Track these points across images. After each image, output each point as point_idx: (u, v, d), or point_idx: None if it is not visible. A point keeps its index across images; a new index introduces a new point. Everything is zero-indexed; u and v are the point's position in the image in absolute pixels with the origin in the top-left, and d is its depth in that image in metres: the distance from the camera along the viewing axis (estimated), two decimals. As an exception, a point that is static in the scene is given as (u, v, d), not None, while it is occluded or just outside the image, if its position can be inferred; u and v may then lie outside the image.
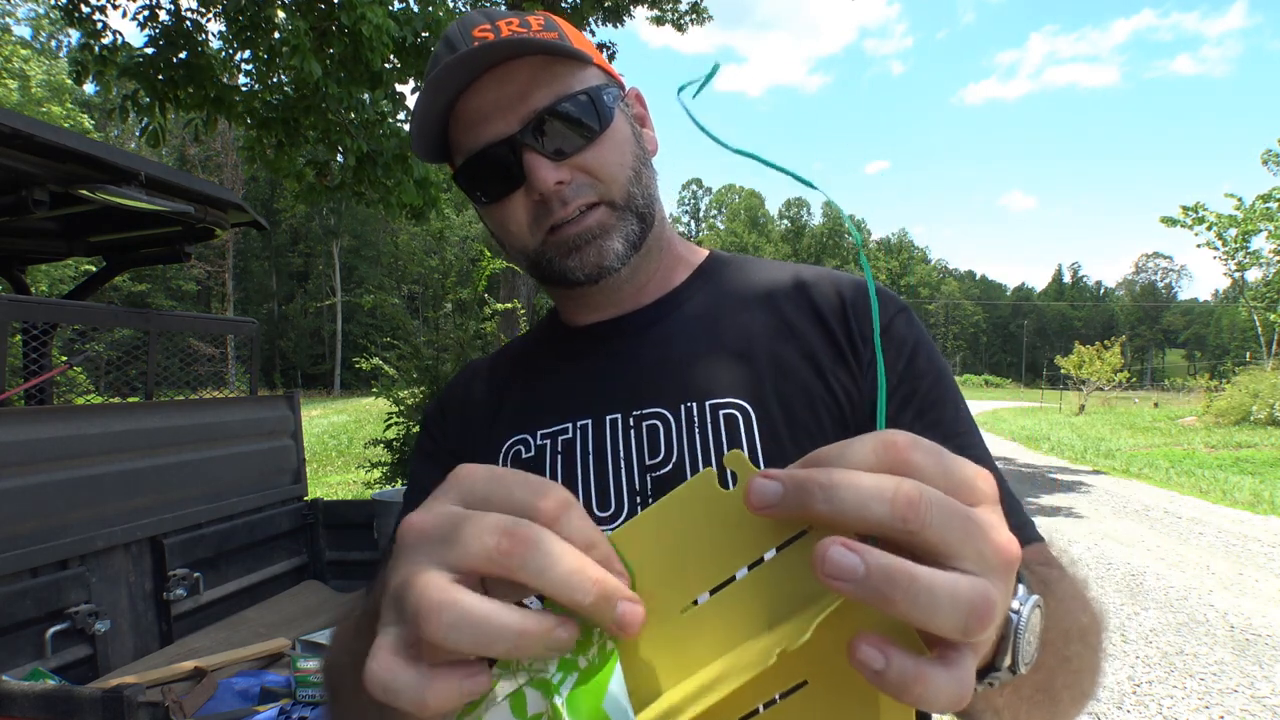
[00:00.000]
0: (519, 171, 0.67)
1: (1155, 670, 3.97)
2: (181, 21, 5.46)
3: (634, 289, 0.77)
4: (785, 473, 0.29)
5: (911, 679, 0.27)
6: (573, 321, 0.81)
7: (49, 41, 33.64)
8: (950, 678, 0.28)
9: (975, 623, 0.27)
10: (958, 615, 0.27)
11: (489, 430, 0.76)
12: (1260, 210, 23.82)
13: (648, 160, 0.74)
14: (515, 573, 0.29)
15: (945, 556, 0.28)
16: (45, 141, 1.78)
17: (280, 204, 36.57)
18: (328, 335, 46.40)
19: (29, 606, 1.70)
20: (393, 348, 6.88)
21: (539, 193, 0.67)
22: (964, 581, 0.27)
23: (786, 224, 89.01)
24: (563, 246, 0.69)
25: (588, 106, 0.67)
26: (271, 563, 2.55)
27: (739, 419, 0.67)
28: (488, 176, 0.69)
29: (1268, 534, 7.06)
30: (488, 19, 0.67)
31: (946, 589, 0.27)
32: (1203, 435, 16.41)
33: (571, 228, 0.68)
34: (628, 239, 0.71)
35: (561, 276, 0.71)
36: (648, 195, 0.72)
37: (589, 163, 0.68)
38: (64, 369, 2.46)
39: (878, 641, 0.28)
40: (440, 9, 5.60)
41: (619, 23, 10.33)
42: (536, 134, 0.66)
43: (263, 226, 2.78)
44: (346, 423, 18.40)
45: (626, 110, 0.73)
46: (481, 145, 0.67)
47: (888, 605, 0.27)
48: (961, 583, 0.27)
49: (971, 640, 0.28)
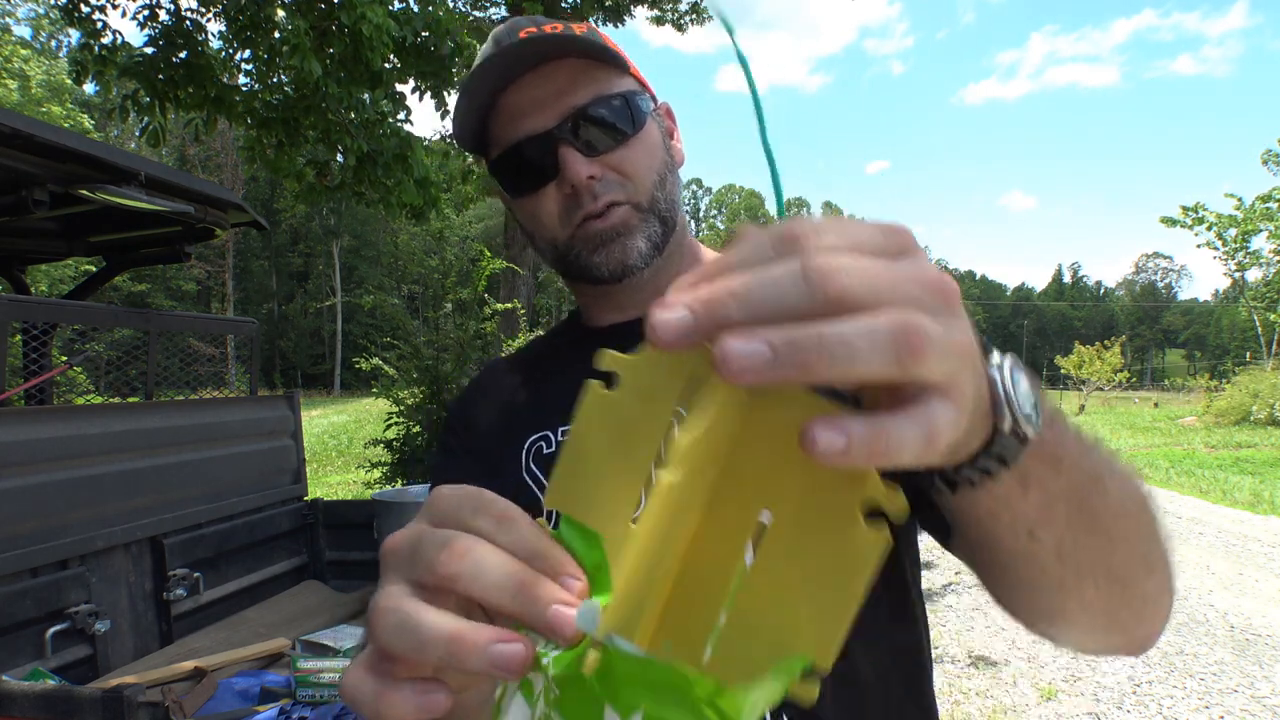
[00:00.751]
0: (553, 165, 0.69)
1: (1155, 670, 3.97)
2: (181, 21, 5.45)
3: (654, 291, 0.78)
4: (687, 296, 0.27)
5: (873, 437, 0.25)
6: (594, 322, 0.83)
7: (49, 41, 33.64)
8: (912, 421, 0.25)
9: (907, 351, 0.24)
10: (883, 349, 0.24)
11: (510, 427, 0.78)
12: (1260, 210, 23.81)
13: (674, 168, 0.77)
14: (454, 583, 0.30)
15: (858, 307, 0.25)
16: (45, 141, 1.78)
17: (280, 204, 36.54)
18: (328, 335, 46.39)
19: (29, 606, 1.70)
20: (393, 348, 6.87)
21: (571, 185, 0.70)
22: (880, 317, 0.25)
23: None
24: (590, 241, 0.72)
25: (622, 109, 0.70)
26: (271, 563, 2.55)
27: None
28: (524, 168, 0.72)
29: (1268, 534, 7.06)
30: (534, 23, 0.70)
31: (862, 330, 0.24)
32: (1203, 435, 16.41)
33: (599, 223, 0.71)
34: (650, 239, 0.73)
35: (586, 272, 0.74)
36: (670, 200, 0.75)
37: (620, 162, 0.71)
38: (64, 369, 2.47)
39: (824, 423, 0.25)
40: (440, 9, 5.59)
41: (619, 22, 10.33)
42: (573, 130, 0.69)
43: (263, 226, 2.78)
44: (346, 423, 18.39)
45: (658, 119, 0.77)
46: (520, 138, 0.70)
47: (807, 373, 0.24)
48: (878, 318, 0.25)
49: (916, 375, 0.25)
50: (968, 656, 4.20)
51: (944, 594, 5.35)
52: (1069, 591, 0.44)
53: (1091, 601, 0.45)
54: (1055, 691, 3.72)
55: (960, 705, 3.60)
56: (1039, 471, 0.38)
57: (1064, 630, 0.49)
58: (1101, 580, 0.44)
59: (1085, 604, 0.45)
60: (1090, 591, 0.44)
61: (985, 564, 0.48)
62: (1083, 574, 0.43)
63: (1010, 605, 0.50)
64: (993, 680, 3.89)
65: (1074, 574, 0.43)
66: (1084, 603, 0.45)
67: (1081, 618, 0.46)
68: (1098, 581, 0.44)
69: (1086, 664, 4.06)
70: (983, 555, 0.47)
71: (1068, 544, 0.41)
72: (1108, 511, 0.43)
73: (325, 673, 1.73)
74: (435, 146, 8.92)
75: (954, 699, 3.67)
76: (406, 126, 5.85)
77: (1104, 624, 0.47)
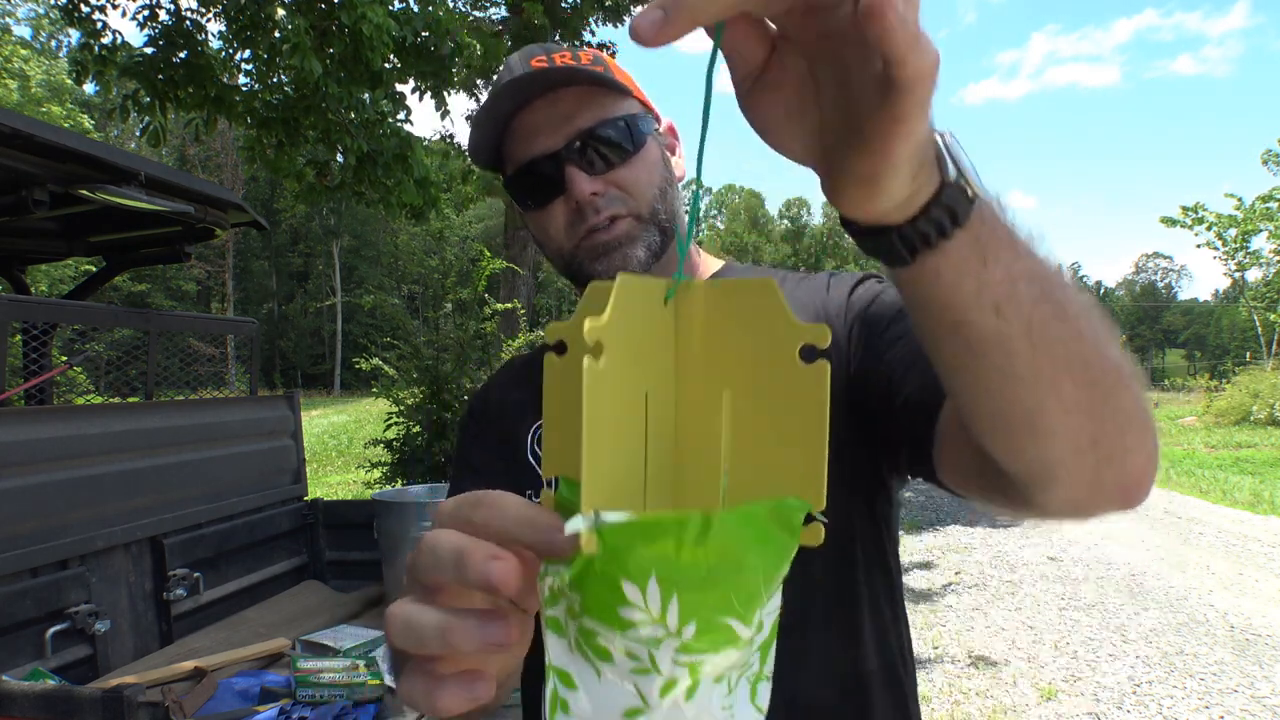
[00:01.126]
0: (560, 182, 0.77)
1: (1155, 670, 3.97)
2: (181, 21, 5.45)
3: None
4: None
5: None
6: None
7: (49, 41, 33.63)
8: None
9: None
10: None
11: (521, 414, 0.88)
12: (1260, 210, 23.81)
13: (674, 183, 0.84)
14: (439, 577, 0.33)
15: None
16: (45, 141, 1.78)
17: (280, 204, 36.51)
18: (328, 335, 46.38)
19: (29, 606, 1.70)
20: (393, 348, 6.87)
21: (576, 200, 0.76)
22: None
23: (787, 224, 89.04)
24: (592, 251, 0.78)
25: (624, 131, 0.77)
26: (271, 563, 2.55)
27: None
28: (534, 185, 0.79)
29: (1268, 534, 7.06)
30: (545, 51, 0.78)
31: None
32: (1203, 435, 16.41)
33: (602, 234, 0.78)
34: (650, 248, 0.79)
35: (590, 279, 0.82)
36: (670, 212, 0.81)
37: (621, 178, 0.78)
38: (64, 369, 2.47)
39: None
40: (440, 9, 5.60)
41: (619, 22, 10.32)
42: (579, 150, 0.76)
43: (263, 226, 2.78)
44: (346, 423, 18.38)
45: (659, 138, 0.84)
46: (530, 157, 0.78)
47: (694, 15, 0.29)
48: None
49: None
50: (968, 656, 4.20)
51: (944, 594, 5.35)
52: (1046, 384, 0.44)
53: (1072, 401, 0.44)
54: (1055, 691, 3.72)
55: (960, 705, 3.60)
56: (995, 247, 0.40)
57: (1048, 444, 0.47)
58: (1079, 376, 0.44)
59: (1066, 404, 0.44)
60: (1069, 388, 0.44)
61: (961, 378, 0.47)
62: (1057, 363, 0.43)
63: (992, 424, 0.48)
64: (993, 680, 3.89)
65: (1048, 361, 0.43)
66: (1064, 402, 0.44)
67: (1064, 423, 0.45)
68: (1074, 378, 0.44)
69: (1086, 664, 4.07)
70: (957, 362, 0.46)
71: (1037, 326, 0.42)
72: (1071, 303, 0.44)
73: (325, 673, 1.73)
74: (435, 146, 8.93)
75: (954, 699, 3.67)
76: (406, 126, 5.85)
77: (1089, 437, 0.46)
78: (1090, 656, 4.18)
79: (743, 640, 0.31)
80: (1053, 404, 0.44)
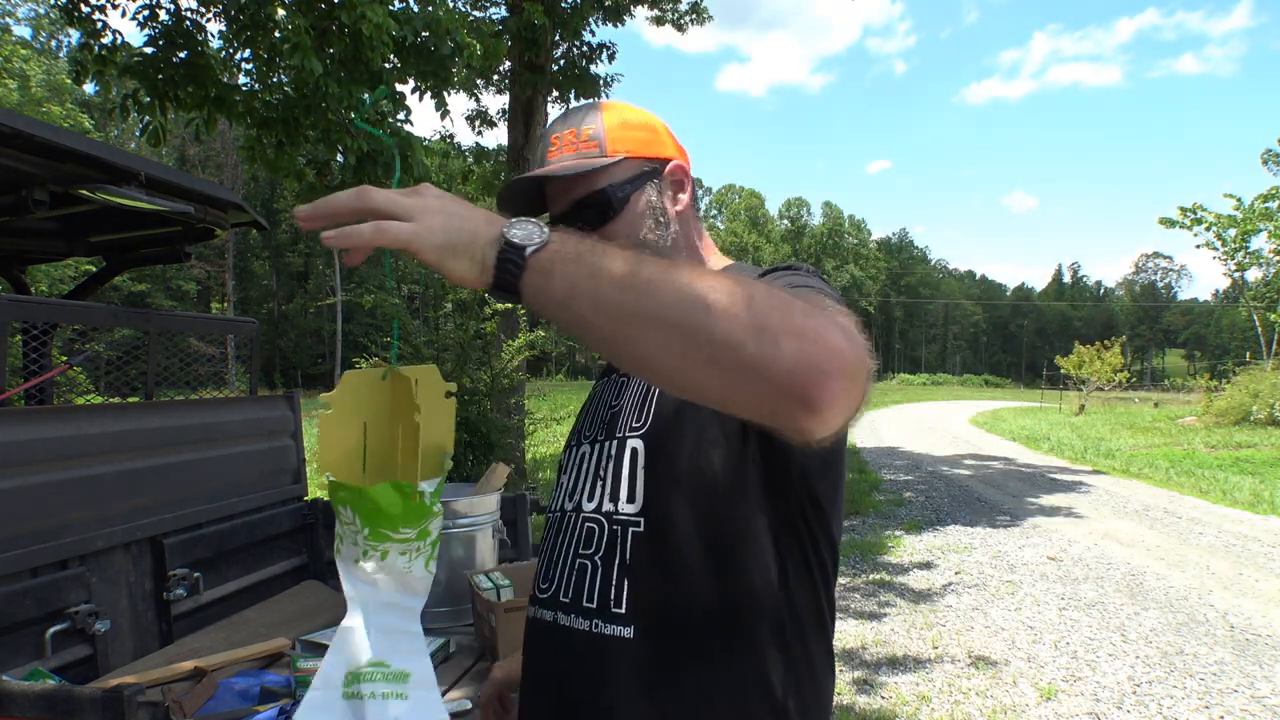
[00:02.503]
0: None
1: (1155, 670, 3.97)
2: (181, 21, 5.45)
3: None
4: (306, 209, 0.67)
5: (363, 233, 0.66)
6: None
7: (49, 41, 33.63)
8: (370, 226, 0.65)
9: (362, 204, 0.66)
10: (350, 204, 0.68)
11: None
12: (1260, 210, 23.81)
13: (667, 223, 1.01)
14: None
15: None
16: (45, 141, 1.78)
17: (280, 204, 36.48)
18: (328, 335, 46.34)
19: (29, 606, 1.70)
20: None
21: None
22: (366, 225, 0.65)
23: (787, 224, 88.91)
24: None
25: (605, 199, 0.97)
26: (271, 563, 2.55)
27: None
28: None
29: (1268, 534, 7.06)
30: (558, 136, 1.00)
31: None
32: (1203, 435, 16.41)
33: None
34: None
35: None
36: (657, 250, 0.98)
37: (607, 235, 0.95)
38: (64, 369, 2.46)
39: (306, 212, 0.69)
40: (440, 9, 5.59)
41: (619, 22, 10.31)
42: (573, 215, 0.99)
43: (263, 226, 2.78)
44: (346, 422, 18.36)
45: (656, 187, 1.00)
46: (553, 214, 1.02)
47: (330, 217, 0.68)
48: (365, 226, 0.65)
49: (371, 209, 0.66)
50: (968, 656, 4.20)
51: (944, 594, 5.35)
52: (629, 336, 0.63)
53: (664, 341, 0.62)
54: (1055, 691, 3.72)
55: (960, 705, 3.60)
56: (556, 267, 0.64)
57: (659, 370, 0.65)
58: (654, 324, 0.62)
59: (659, 344, 0.62)
60: (653, 333, 0.62)
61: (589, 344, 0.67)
62: (625, 320, 0.62)
63: (627, 367, 0.70)
64: (993, 680, 3.89)
65: (616, 321, 0.63)
66: (657, 343, 0.62)
67: (666, 354, 0.62)
68: (651, 325, 0.62)
69: (1086, 664, 4.07)
70: (578, 335, 0.66)
71: (601, 303, 0.63)
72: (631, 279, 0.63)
73: (325, 673, 1.72)
74: (435, 146, 8.92)
75: (954, 699, 3.67)
76: (407, 126, 5.85)
77: (702, 355, 0.61)
78: (1090, 656, 4.18)
79: (395, 539, 0.74)
80: (647, 347, 0.63)
